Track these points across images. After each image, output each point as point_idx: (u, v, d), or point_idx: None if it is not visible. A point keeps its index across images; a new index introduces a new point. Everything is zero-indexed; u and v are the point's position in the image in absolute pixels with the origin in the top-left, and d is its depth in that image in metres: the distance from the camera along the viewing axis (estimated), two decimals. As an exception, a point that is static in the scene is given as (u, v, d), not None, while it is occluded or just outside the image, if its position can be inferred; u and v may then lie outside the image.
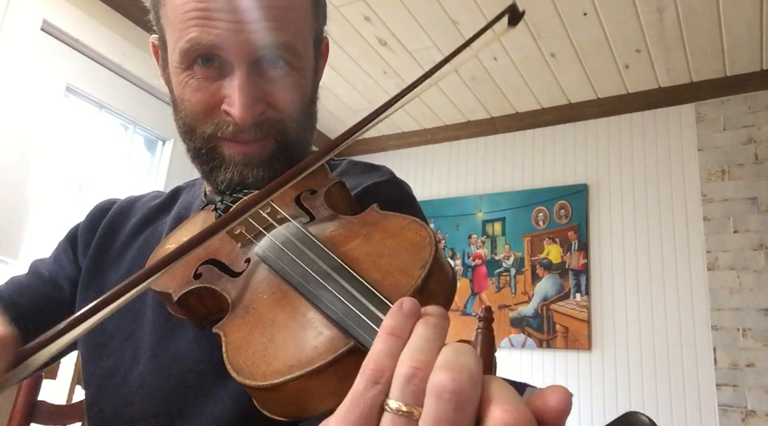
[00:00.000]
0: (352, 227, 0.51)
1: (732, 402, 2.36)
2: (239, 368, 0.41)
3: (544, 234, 2.92)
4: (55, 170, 2.20)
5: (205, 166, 0.67)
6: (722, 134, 2.68)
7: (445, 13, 2.37)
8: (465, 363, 0.30)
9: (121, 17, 2.40)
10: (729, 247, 2.53)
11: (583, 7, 2.28)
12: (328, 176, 0.64)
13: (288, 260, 0.47)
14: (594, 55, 2.59)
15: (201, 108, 0.64)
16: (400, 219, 0.49)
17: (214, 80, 0.63)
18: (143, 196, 0.85)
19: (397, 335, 0.32)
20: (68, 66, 2.23)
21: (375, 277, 0.42)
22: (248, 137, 0.63)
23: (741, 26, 2.33)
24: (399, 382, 0.30)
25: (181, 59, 0.62)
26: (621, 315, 2.67)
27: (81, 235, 0.80)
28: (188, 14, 0.60)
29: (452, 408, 0.28)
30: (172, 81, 0.67)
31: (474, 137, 3.28)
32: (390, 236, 0.47)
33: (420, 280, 0.40)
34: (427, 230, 0.45)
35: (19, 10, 2.03)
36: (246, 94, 0.60)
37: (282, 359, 0.39)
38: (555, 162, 3.04)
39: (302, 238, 0.49)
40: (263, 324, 0.43)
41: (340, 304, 0.40)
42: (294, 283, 0.44)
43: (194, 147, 0.67)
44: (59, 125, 2.21)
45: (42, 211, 2.14)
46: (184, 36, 0.61)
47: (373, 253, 0.46)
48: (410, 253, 0.43)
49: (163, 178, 2.58)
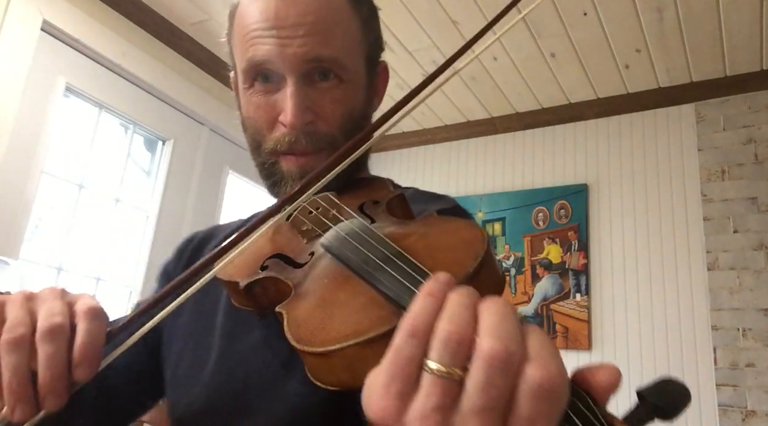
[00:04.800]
0: (411, 227, 0.56)
1: (732, 402, 2.36)
2: (299, 337, 0.44)
3: (544, 234, 2.92)
4: (54, 170, 2.20)
5: (269, 182, 0.72)
6: (722, 134, 2.68)
7: (445, 13, 2.37)
8: (512, 329, 0.31)
9: (121, 17, 2.40)
10: (729, 247, 2.53)
11: (583, 7, 2.28)
12: (390, 189, 0.68)
13: (351, 247, 0.51)
14: (594, 55, 2.59)
15: (262, 123, 0.70)
16: (456, 221, 0.53)
17: (272, 95, 0.69)
18: (226, 224, 0.91)
19: (433, 296, 0.34)
20: (68, 66, 2.23)
21: (430, 265, 0.44)
22: (302, 148, 0.68)
23: (741, 26, 2.33)
24: (437, 343, 0.31)
25: (244, 79, 0.70)
26: (621, 315, 2.67)
27: (171, 268, 0.84)
28: (245, 38, 0.67)
29: (501, 374, 0.30)
30: (241, 102, 0.74)
31: (474, 137, 3.28)
32: (446, 234, 0.51)
33: (472, 269, 0.43)
34: (481, 231, 0.49)
35: (19, 10, 2.03)
36: (295, 100, 0.66)
37: (339, 329, 0.42)
38: (555, 162, 3.04)
39: (365, 229, 0.53)
40: (324, 302, 0.47)
41: (396, 282, 0.43)
42: (354, 267, 0.48)
43: (260, 162, 0.72)
44: (59, 125, 2.21)
45: (42, 211, 2.14)
46: (243, 57, 0.68)
47: (428, 247, 0.49)
48: (464, 249, 0.47)
49: (163, 178, 2.58)
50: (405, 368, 0.32)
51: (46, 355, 0.42)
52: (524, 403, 0.30)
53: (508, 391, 0.30)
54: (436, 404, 0.30)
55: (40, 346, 0.42)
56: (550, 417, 0.30)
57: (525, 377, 0.30)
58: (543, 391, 0.29)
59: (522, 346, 0.31)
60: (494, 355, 0.30)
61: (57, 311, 0.44)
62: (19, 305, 0.45)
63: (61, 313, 0.44)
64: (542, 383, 0.29)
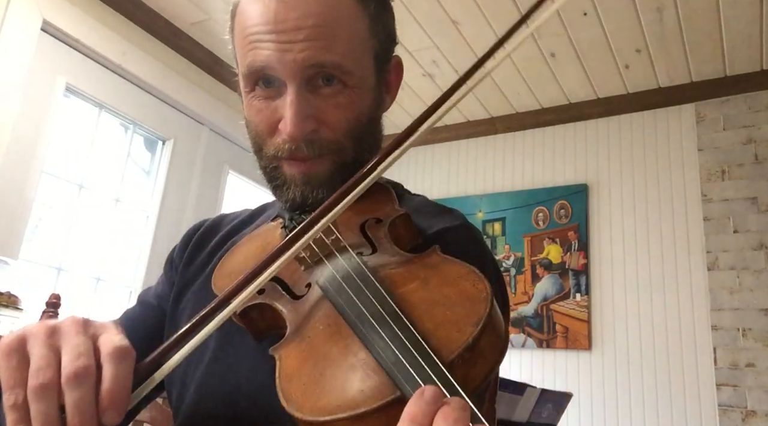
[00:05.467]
0: (412, 268, 0.52)
1: (732, 402, 2.36)
2: (289, 397, 0.43)
3: (544, 234, 2.92)
4: (55, 170, 2.20)
5: (271, 185, 0.70)
6: (722, 134, 2.68)
7: (445, 13, 2.37)
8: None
9: (121, 17, 2.40)
10: (729, 247, 2.53)
11: (583, 7, 2.28)
12: (395, 206, 0.64)
13: (346, 296, 0.48)
14: (594, 55, 2.59)
15: (263, 128, 0.67)
16: (459, 267, 0.49)
17: (273, 100, 0.66)
18: (233, 213, 0.89)
19: (418, 423, 0.33)
20: (68, 66, 2.23)
21: (428, 326, 0.42)
22: (303, 155, 0.65)
23: (741, 26, 2.33)
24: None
25: (245, 83, 0.67)
26: (621, 315, 2.67)
27: (176, 255, 0.82)
28: (244, 41, 0.65)
29: None
30: (244, 106, 0.71)
31: (474, 137, 3.28)
32: (447, 284, 0.48)
33: (471, 337, 0.41)
34: (485, 284, 0.46)
35: (19, 10, 2.03)
36: (295, 109, 0.63)
37: (329, 397, 0.41)
38: (555, 162, 3.04)
39: (362, 275, 0.50)
40: (316, 357, 0.45)
41: (390, 352, 0.41)
42: (349, 321, 0.46)
43: (262, 165, 0.70)
44: (59, 125, 2.21)
45: (42, 211, 2.14)
46: (244, 62, 0.65)
47: (428, 300, 0.46)
48: (465, 307, 0.44)
49: (163, 178, 2.58)
50: None
51: (74, 402, 0.41)
52: None
53: None
54: None
55: (67, 390, 0.41)
56: None
57: None
58: None
59: None
60: None
61: (82, 350, 0.42)
62: (41, 342, 0.43)
63: (87, 352, 0.42)
64: None
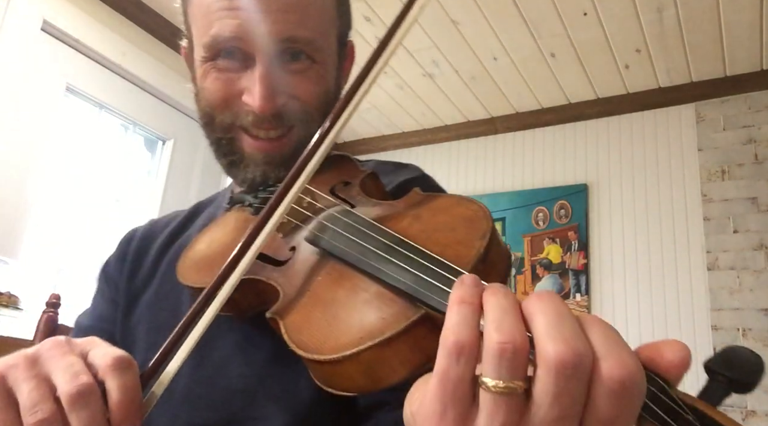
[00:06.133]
0: (398, 209, 0.51)
1: (732, 402, 2.35)
2: (305, 345, 0.40)
3: (544, 234, 2.92)
4: (55, 170, 2.19)
5: (224, 160, 0.68)
6: (722, 134, 2.68)
7: (445, 13, 2.37)
8: (572, 326, 0.28)
9: (121, 17, 2.39)
10: (729, 247, 2.53)
11: (583, 7, 2.28)
12: (358, 168, 0.64)
13: (343, 239, 0.46)
14: (594, 55, 2.59)
15: (220, 96, 0.64)
16: (447, 197, 0.48)
17: (236, 72, 0.64)
18: (164, 218, 0.86)
19: (468, 303, 0.31)
20: (68, 66, 2.23)
21: (435, 250, 0.40)
22: (269, 127, 0.63)
23: (741, 26, 2.33)
24: (490, 358, 0.28)
25: (205, 53, 0.64)
26: (621, 315, 2.66)
27: (113, 271, 0.79)
28: (211, 9, 0.62)
29: (572, 380, 0.27)
30: (196, 74, 0.68)
31: (474, 137, 3.28)
32: (441, 213, 0.47)
33: (483, 248, 0.39)
34: (479, 204, 0.45)
35: (19, 10, 2.03)
36: (266, 84, 0.61)
37: (350, 332, 0.38)
38: (555, 162, 3.04)
39: (354, 218, 0.48)
40: (323, 303, 0.43)
41: (406, 274, 0.39)
42: (352, 261, 0.44)
43: (215, 137, 0.67)
44: (59, 125, 2.21)
45: (42, 211, 2.14)
46: (208, 31, 0.62)
47: (427, 230, 0.45)
48: (466, 226, 0.43)
49: (163, 178, 2.58)
50: (457, 391, 0.29)
51: (84, 423, 0.36)
52: (603, 404, 0.27)
53: (583, 395, 0.27)
54: (502, 424, 0.28)
55: (74, 414, 0.36)
56: (631, 412, 0.27)
57: (600, 377, 0.27)
58: (623, 390, 0.27)
59: (588, 344, 0.28)
60: (563, 362, 0.27)
61: (78, 369, 0.38)
62: (25, 374, 0.38)
63: (83, 370, 0.38)
64: (623, 381, 0.27)
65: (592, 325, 0.29)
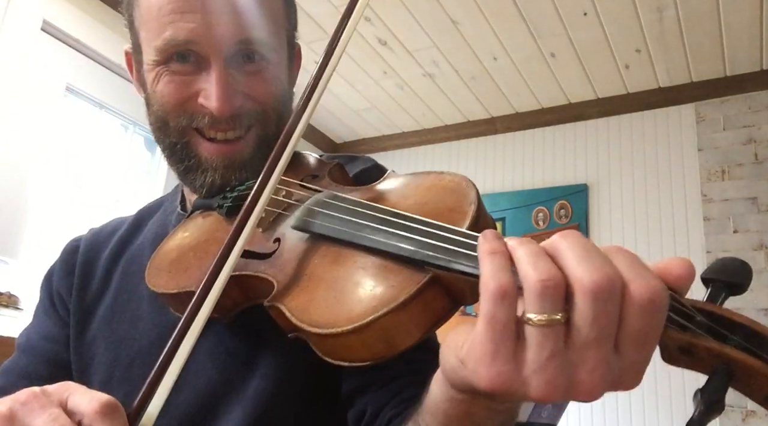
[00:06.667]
0: (379, 191, 0.52)
1: (732, 402, 2.35)
2: (316, 322, 0.41)
3: (544, 234, 2.92)
4: (55, 170, 2.19)
5: (180, 166, 0.66)
6: (722, 134, 2.68)
7: (445, 13, 2.37)
8: (599, 255, 0.32)
9: (121, 17, 2.38)
10: (729, 247, 2.53)
11: (583, 7, 2.28)
12: (323, 161, 0.65)
13: (336, 220, 0.47)
14: (594, 55, 2.59)
15: (175, 99, 0.63)
16: (427, 174, 0.50)
17: (190, 75, 0.63)
18: (105, 227, 0.83)
19: (499, 252, 0.33)
20: (68, 66, 2.23)
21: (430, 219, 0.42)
22: (226, 128, 0.63)
23: (741, 26, 2.33)
24: (533, 296, 0.31)
25: (157, 56, 0.63)
26: (621, 315, 2.66)
27: (59, 286, 0.75)
28: (162, 12, 0.61)
29: (607, 303, 0.30)
30: (146, 79, 0.66)
31: (474, 137, 3.28)
32: (423, 189, 0.48)
33: (474, 212, 0.41)
34: (461, 175, 0.47)
35: (19, 10, 2.03)
36: (223, 86, 0.61)
37: (363, 303, 0.40)
38: (555, 162, 3.04)
39: (343, 200, 0.49)
40: (325, 283, 0.44)
41: (408, 241, 0.40)
42: (347, 239, 0.45)
43: (169, 142, 0.66)
44: (59, 125, 2.21)
45: (42, 211, 2.14)
46: (160, 34, 0.61)
47: (416, 203, 0.46)
48: (454, 195, 0.44)
49: (162, 178, 2.58)
50: (505, 331, 0.31)
51: None
52: (635, 320, 0.30)
53: (616, 315, 0.30)
54: (551, 352, 0.31)
55: None
56: (659, 324, 0.31)
57: (631, 297, 0.30)
58: (652, 306, 0.30)
59: (617, 269, 0.31)
60: (598, 287, 0.30)
61: (62, 422, 0.36)
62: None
63: (65, 422, 0.36)
64: (651, 298, 0.30)
65: (617, 254, 0.33)
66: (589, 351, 0.30)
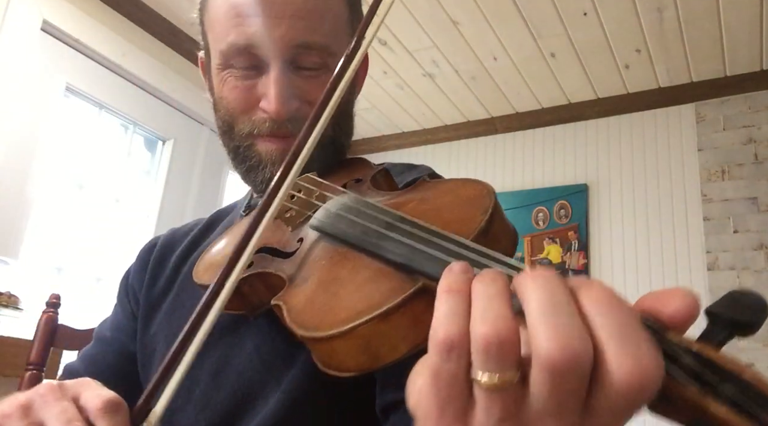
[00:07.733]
0: (405, 196, 0.51)
1: (732, 402, 2.35)
2: (304, 324, 0.39)
3: (544, 234, 2.92)
4: (55, 170, 2.19)
5: (243, 166, 0.68)
6: (722, 134, 2.68)
7: (445, 13, 2.37)
8: (567, 314, 0.25)
9: (121, 17, 2.39)
10: (729, 247, 2.53)
11: (583, 7, 2.28)
12: (371, 166, 0.65)
13: (346, 222, 0.46)
14: (594, 55, 2.59)
15: (239, 105, 0.65)
16: (453, 180, 0.49)
17: (252, 79, 0.65)
18: (184, 226, 0.87)
19: (455, 291, 0.28)
20: (68, 66, 2.23)
21: (437, 226, 0.40)
22: (285, 132, 0.64)
23: (741, 26, 2.33)
24: (478, 353, 0.26)
25: (221, 60, 0.65)
26: (621, 315, 2.66)
27: (133, 281, 0.80)
28: (226, 17, 0.63)
29: (570, 378, 0.24)
30: (213, 82, 0.69)
31: (474, 137, 3.28)
32: (446, 195, 0.47)
33: (484, 222, 0.40)
34: (484, 184, 0.45)
35: (19, 10, 2.03)
36: (280, 88, 0.62)
37: (349, 308, 0.38)
38: (555, 162, 3.04)
39: (358, 201, 0.49)
40: (325, 284, 0.43)
41: (404, 247, 0.38)
42: (353, 241, 0.43)
43: (233, 146, 0.68)
44: (59, 125, 2.21)
45: (42, 211, 2.14)
46: (225, 39, 0.64)
47: (431, 209, 0.45)
48: (469, 204, 0.43)
49: (163, 178, 2.58)
50: (453, 388, 0.27)
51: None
52: (609, 403, 0.25)
53: (583, 389, 0.25)
54: (500, 417, 0.26)
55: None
56: (641, 405, 0.25)
57: (608, 377, 0.24)
58: (632, 391, 0.24)
59: (588, 336, 0.25)
60: (555, 362, 0.24)
61: (71, 416, 0.38)
62: (19, 423, 0.39)
63: (75, 416, 0.39)
64: (631, 383, 0.24)
65: (595, 306, 0.26)
66: (548, 421, 0.25)
